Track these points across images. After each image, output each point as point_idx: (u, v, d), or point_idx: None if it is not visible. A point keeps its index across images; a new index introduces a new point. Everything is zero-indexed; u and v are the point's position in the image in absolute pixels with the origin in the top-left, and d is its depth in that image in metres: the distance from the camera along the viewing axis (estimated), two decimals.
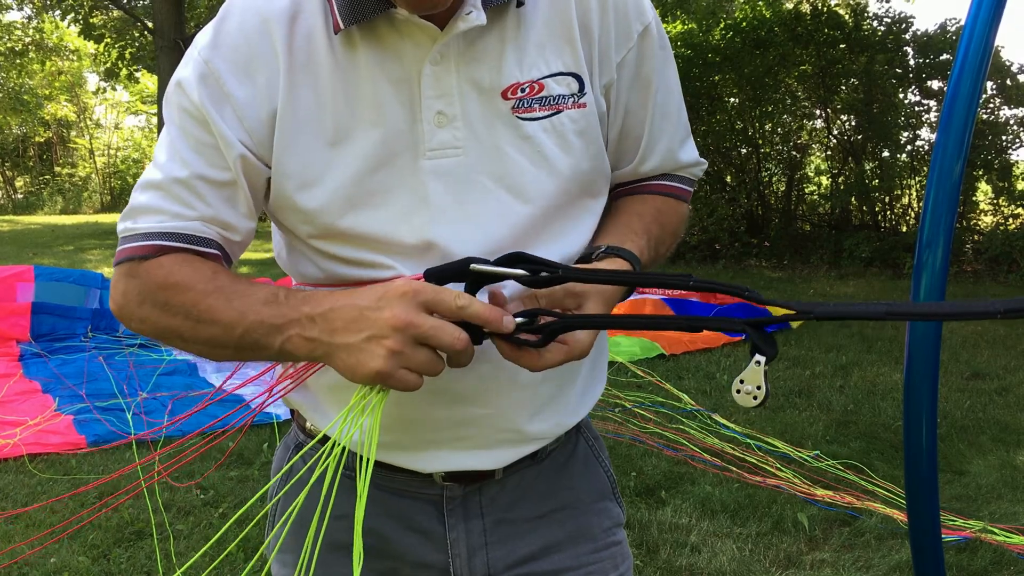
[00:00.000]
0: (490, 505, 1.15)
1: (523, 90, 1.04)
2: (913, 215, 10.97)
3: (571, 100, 1.06)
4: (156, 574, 2.97)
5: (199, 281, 1.00)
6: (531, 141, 1.05)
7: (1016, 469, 4.02)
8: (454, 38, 1.01)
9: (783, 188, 12.16)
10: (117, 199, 22.27)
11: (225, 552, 3.07)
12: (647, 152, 1.17)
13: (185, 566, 2.93)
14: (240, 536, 3.15)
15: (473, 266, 0.94)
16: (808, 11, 11.94)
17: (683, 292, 7.23)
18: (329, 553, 1.05)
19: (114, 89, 23.30)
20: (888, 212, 11.26)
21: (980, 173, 10.27)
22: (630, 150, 1.17)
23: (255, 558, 1.04)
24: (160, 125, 16.23)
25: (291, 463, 1.19)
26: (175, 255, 1.03)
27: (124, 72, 18.83)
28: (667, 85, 1.15)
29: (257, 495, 1.62)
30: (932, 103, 10.81)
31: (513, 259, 0.96)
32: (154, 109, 19.95)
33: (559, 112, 1.06)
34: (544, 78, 1.05)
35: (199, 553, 3.03)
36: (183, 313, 1.00)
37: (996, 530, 3.28)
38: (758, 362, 0.84)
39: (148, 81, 21.65)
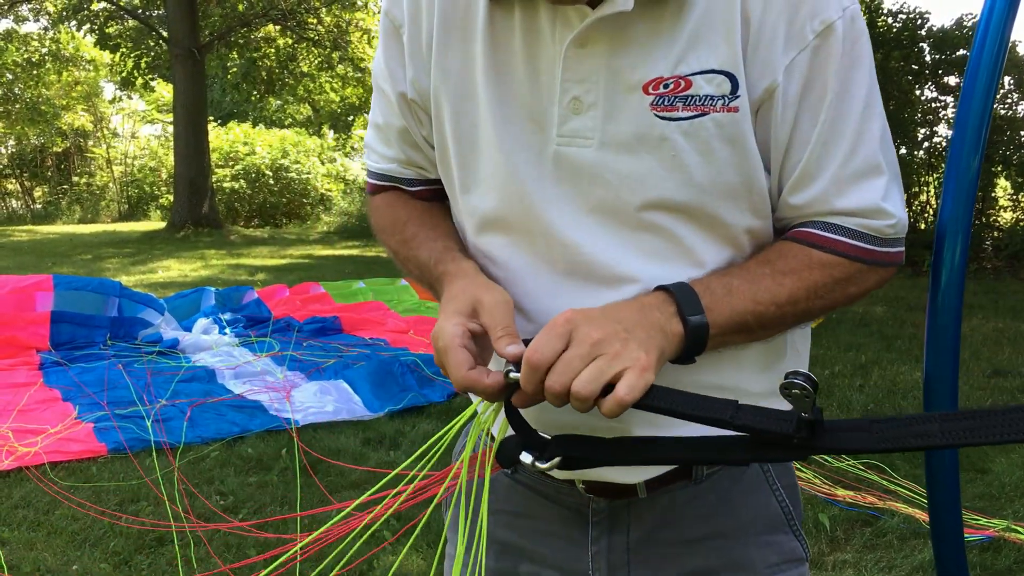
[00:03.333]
0: (637, 523, 1.09)
1: (666, 85, 0.93)
2: (931, 212, 10.89)
3: (720, 102, 0.93)
4: None
5: (394, 222, 1.16)
6: (667, 144, 0.94)
7: None
8: (602, 21, 0.93)
9: None
10: (134, 207, 22.41)
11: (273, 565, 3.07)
12: (800, 182, 0.98)
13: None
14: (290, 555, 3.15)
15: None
16: None
17: None
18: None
19: (130, 98, 23.50)
20: (906, 209, 11.16)
21: (999, 169, 10.19)
22: (787, 175, 0.99)
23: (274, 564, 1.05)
24: (176, 134, 16.37)
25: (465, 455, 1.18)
26: (387, 194, 1.20)
27: (140, 81, 18.96)
28: (845, 101, 0.94)
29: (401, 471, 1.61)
30: (949, 99, 10.73)
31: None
32: (170, 118, 20.05)
33: (704, 115, 0.93)
34: (692, 75, 0.93)
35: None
36: (389, 248, 1.18)
37: (1020, 529, 3.25)
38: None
39: (164, 90, 21.80)
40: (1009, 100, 10.20)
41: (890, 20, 11.26)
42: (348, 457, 4.16)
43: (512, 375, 0.92)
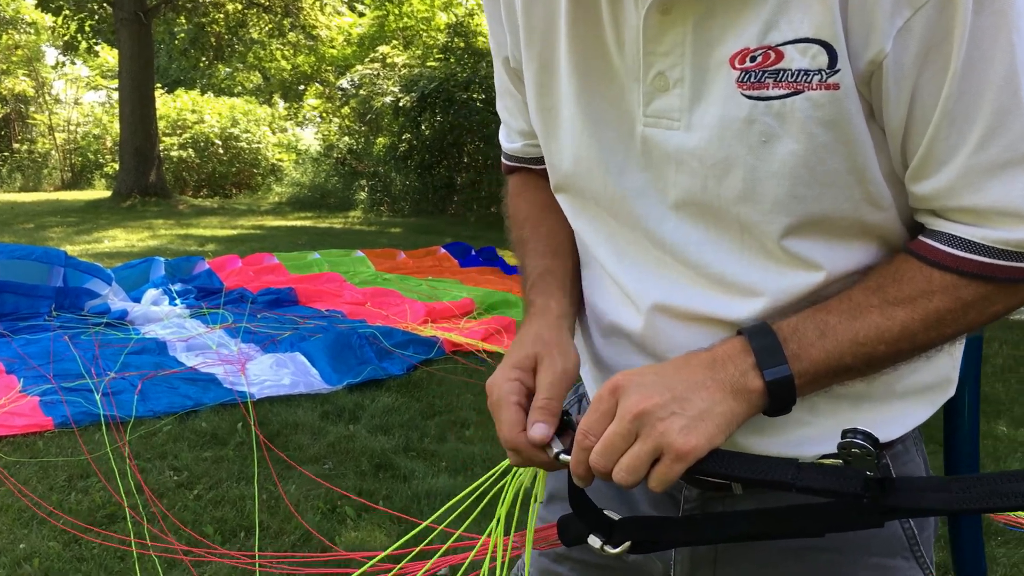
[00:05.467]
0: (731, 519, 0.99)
1: (754, 58, 0.79)
2: None
3: (816, 78, 0.77)
4: (130, 558, 2.87)
5: (515, 216, 1.14)
6: (756, 127, 0.81)
7: None
8: None
9: None
10: (78, 176, 21.82)
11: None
12: (923, 169, 0.81)
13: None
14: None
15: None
16: None
17: None
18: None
19: (73, 63, 22.78)
20: None
21: None
22: (907, 159, 0.83)
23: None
24: (122, 100, 15.93)
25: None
26: (517, 177, 1.17)
27: (84, 45, 18.38)
28: (979, 71, 0.75)
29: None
30: None
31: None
32: (115, 84, 19.52)
33: (798, 93, 0.78)
34: (784, 44, 0.78)
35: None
36: (513, 245, 1.13)
37: None
38: None
39: (109, 55, 21.20)
40: None
41: None
42: (306, 431, 4.06)
43: (563, 457, 0.86)
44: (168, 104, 20.37)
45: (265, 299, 6.30)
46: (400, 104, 14.88)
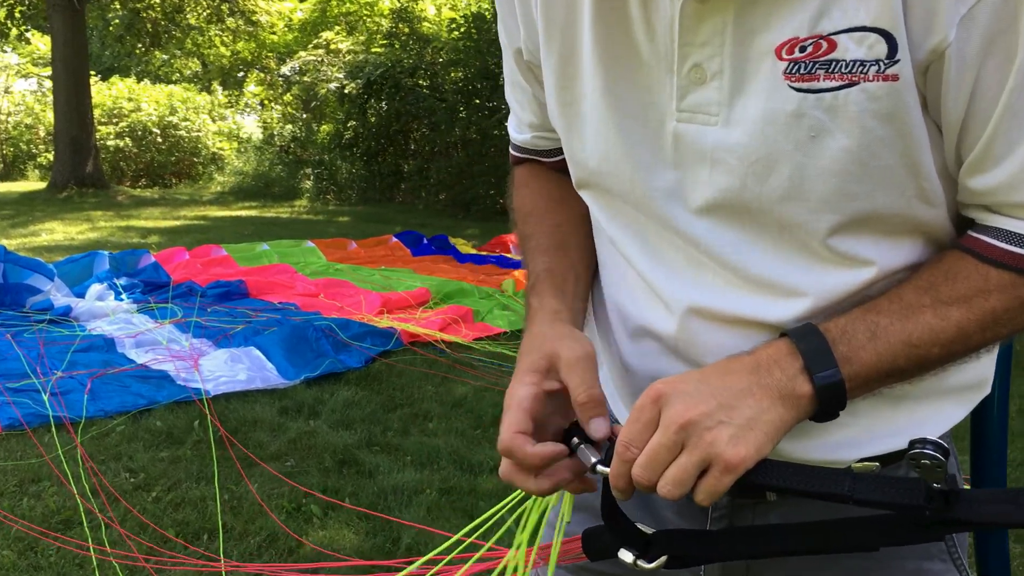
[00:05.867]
0: (764, 520, 0.94)
1: (803, 48, 0.74)
2: None
3: (874, 69, 0.73)
4: (90, 565, 2.78)
5: (520, 209, 1.09)
6: (804, 122, 0.76)
7: None
8: None
9: None
10: (10, 167, 21.11)
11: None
12: (982, 163, 0.77)
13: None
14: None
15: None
16: None
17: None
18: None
19: (3, 51, 22.01)
20: None
21: None
22: (965, 153, 0.79)
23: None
24: (56, 89, 15.45)
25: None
26: (524, 168, 1.13)
27: (14, 32, 17.77)
28: None
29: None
30: None
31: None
32: (47, 71, 18.91)
33: (853, 85, 0.74)
34: (837, 33, 0.73)
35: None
36: (518, 239, 1.10)
37: None
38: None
39: (40, 42, 20.53)
40: None
41: None
42: (265, 428, 3.98)
43: (600, 468, 0.81)
44: (103, 92, 19.81)
45: (215, 292, 6.16)
46: (345, 91, 14.67)
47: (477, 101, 13.78)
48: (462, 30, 13.77)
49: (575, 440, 0.85)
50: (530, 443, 0.83)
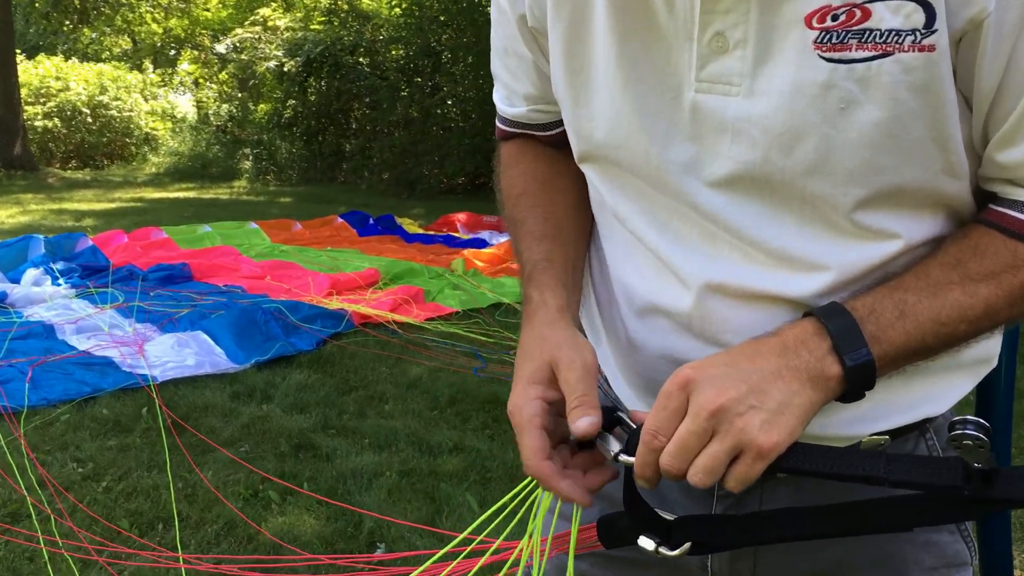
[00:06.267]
0: (770, 500, 0.92)
1: (835, 17, 0.72)
2: None
3: (909, 39, 0.71)
4: (41, 558, 2.68)
5: (509, 190, 1.04)
6: (834, 93, 0.74)
7: None
8: None
9: None
10: None
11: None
12: (1013, 135, 0.75)
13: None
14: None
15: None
16: None
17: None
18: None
19: None
20: None
21: None
22: (995, 125, 0.76)
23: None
24: None
25: None
26: (514, 144, 1.08)
27: None
28: None
29: None
30: None
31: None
32: None
33: (887, 55, 0.71)
34: (872, 1, 0.71)
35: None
36: (503, 214, 1.05)
37: None
38: None
39: None
40: None
41: None
42: (217, 413, 3.89)
43: (623, 458, 0.78)
44: (29, 71, 19.14)
45: (157, 276, 6.00)
46: (284, 69, 14.39)
47: (419, 80, 13.64)
48: (403, 7, 13.60)
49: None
50: (561, 475, 0.81)
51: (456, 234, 8.46)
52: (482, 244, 7.83)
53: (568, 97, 0.90)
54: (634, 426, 0.80)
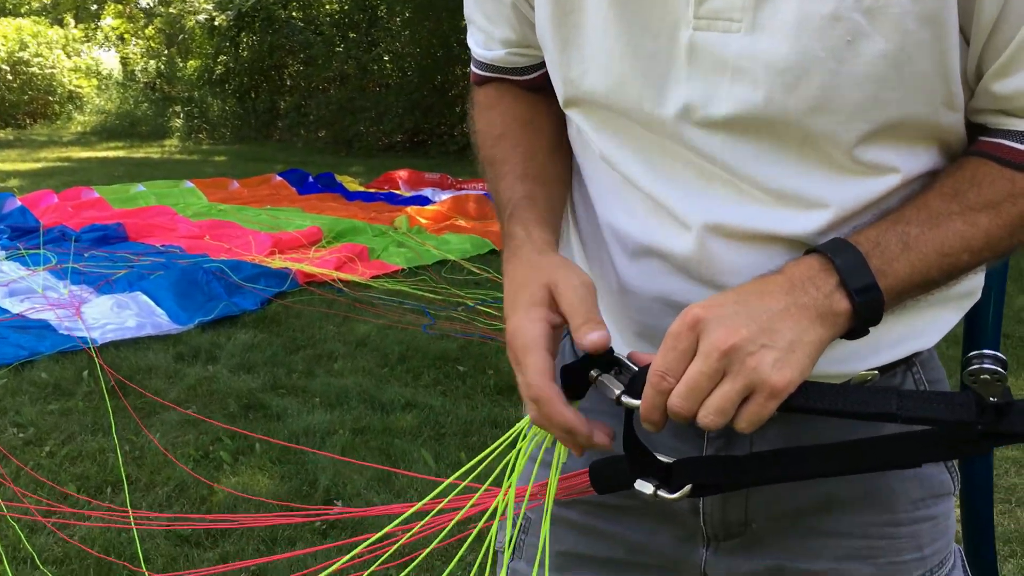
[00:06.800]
0: (760, 439, 0.90)
1: None
2: None
3: None
4: None
5: (487, 132, 1.00)
6: (841, 26, 0.71)
7: None
8: None
9: None
10: None
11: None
12: (1010, 65, 0.74)
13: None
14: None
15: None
16: None
17: None
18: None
19: None
20: None
21: None
22: (992, 55, 0.75)
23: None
24: None
25: None
26: (491, 88, 1.03)
27: None
28: None
29: None
30: None
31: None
32: None
33: None
34: None
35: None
36: (480, 159, 1.01)
37: None
38: None
39: None
40: None
41: None
42: (161, 375, 3.81)
43: (626, 400, 0.76)
44: None
45: (91, 236, 5.82)
46: (215, 23, 13.98)
47: (354, 35, 13.38)
48: None
49: (592, 372, 0.80)
50: (565, 404, 0.78)
51: (398, 191, 8.37)
52: (425, 201, 7.75)
53: (556, 40, 0.87)
54: (635, 368, 0.78)
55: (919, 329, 0.89)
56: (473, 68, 1.06)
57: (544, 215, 0.92)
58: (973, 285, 0.92)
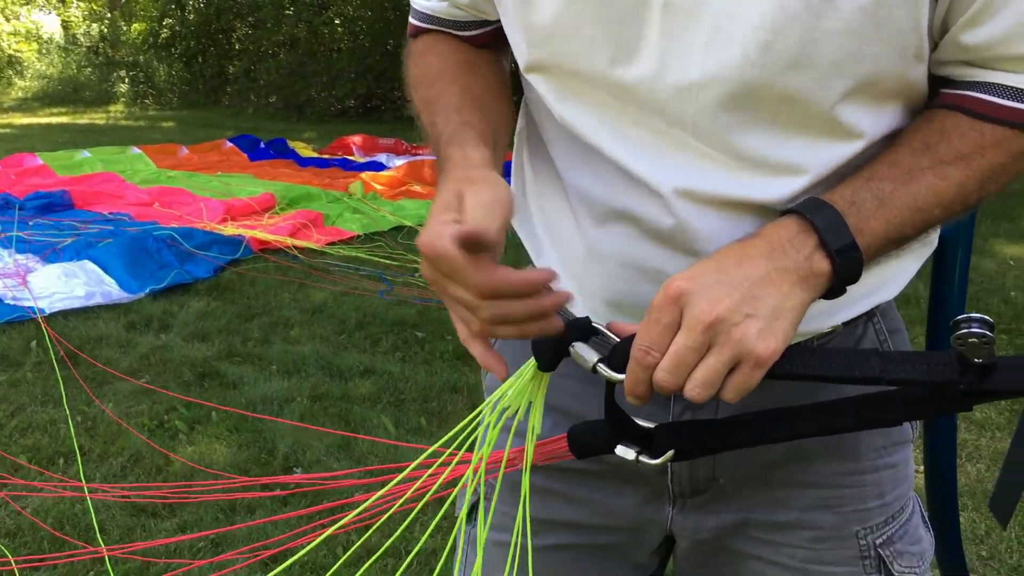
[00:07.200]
0: (726, 409, 0.87)
1: None
2: None
3: None
4: None
5: (423, 75, 0.97)
6: None
7: None
8: None
9: None
10: None
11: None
12: (979, 15, 0.73)
13: None
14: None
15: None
16: None
17: None
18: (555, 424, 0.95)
19: None
20: None
21: None
22: (962, 6, 0.74)
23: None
24: None
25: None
26: (428, 37, 1.01)
27: None
28: None
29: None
30: None
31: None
32: None
33: None
34: None
35: None
36: (415, 108, 0.98)
37: None
38: None
39: None
40: None
41: None
42: (113, 344, 3.73)
43: (601, 369, 0.74)
44: None
45: (35, 204, 5.65)
46: None
47: None
48: None
49: (572, 347, 0.78)
50: (476, 266, 0.72)
51: (352, 157, 8.26)
52: (379, 167, 7.66)
53: (514, 1, 0.84)
54: (615, 338, 0.76)
55: (883, 282, 0.89)
56: (412, 19, 1.02)
57: (483, 138, 0.88)
58: (936, 232, 0.92)
